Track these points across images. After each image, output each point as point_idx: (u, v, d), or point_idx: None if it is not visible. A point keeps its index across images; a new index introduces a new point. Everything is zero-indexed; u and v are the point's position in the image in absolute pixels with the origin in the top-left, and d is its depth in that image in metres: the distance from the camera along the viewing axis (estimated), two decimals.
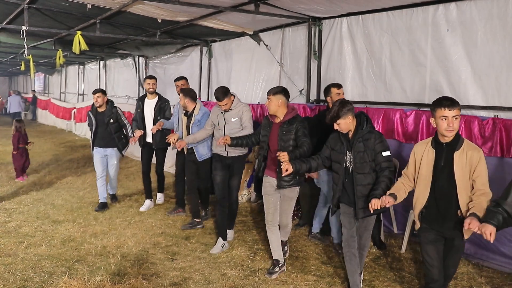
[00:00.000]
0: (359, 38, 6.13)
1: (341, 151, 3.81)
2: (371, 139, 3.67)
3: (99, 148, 6.60)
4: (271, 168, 4.43)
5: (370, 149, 3.67)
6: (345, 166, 3.78)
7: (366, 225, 3.88)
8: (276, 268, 4.40)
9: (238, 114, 4.94)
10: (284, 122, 4.31)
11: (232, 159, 5.06)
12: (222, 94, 4.93)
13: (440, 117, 3.11)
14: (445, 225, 3.26)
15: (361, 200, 3.71)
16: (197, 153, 5.56)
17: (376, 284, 4.20)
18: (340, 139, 3.83)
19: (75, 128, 16.90)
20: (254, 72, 8.06)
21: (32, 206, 6.67)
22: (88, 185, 8.12)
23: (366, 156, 3.68)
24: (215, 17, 7.04)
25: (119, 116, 6.54)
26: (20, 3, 6.68)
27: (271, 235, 4.49)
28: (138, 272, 4.35)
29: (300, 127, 4.26)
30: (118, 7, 6.51)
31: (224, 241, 5.07)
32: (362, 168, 3.70)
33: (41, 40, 9.93)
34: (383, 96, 5.88)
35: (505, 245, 4.49)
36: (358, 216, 3.76)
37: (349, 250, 3.88)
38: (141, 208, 6.58)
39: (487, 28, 4.76)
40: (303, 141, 4.21)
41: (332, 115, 3.70)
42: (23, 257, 4.68)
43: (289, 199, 4.44)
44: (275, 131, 4.36)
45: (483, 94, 4.84)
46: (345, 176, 3.81)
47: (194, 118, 5.54)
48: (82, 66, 17.71)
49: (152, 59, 12.02)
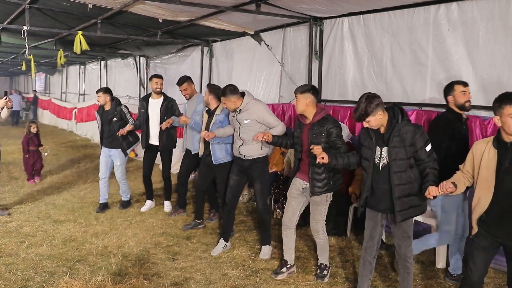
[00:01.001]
0: (360, 38, 6.13)
1: (370, 147, 3.51)
2: (409, 133, 3.33)
3: (104, 148, 6.61)
4: (302, 171, 4.18)
5: (408, 144, 3.33)
6: (374, 163, 3.49)
7: (404, 231, 3.49)
8: (283, 268, 4.34)
9: (250, 115, 4.61)
10: (314, 124, 4.01)
11: (250, 161, 4.71)
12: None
13: (509, 114, 2.88)
14: (507, 231, 3.00)
15: (400, 201, 3.38)
16: (214, 156, 5.16)
17: (378, 284, 4.20)
18: (369, 134, 3.51)
19: (76, 128, 16.91)
20: (255, 72, 8.06)
21: (33, 206, 6.67)
22: (89, 185, 8.13)
23: (404, 152, 3.34)
24: (216, 17, 7.04)
25: (123, 114, 6.42)
26: (21, 3, 6.68)
27: (284, 237, 4.36)
28: (139, 272, 4.35)
29: (332, 129, 3.95)
30: (119, 7, 6.51)
31: (226, 242, 4.99)
32: (400, 165, 3.36)
33: (42, 40, 9.94)
34: (384, 96, 5.81)
35: None
36: (396, 220, 3.41)
37: (365, 255, 3.69)
38: (142, 209, 6.55)
39: (488, 28, 4.75)
40: (338, 145, 3.91)
41: (360, 113, 3.35)
42: (24, 257, 4.68)
43: (316, 204, 4.13)
44: (306, 133, 4.09)
45: (484, 94, 4.83)
46: (373, 174, 3.50)
47: (216, 118, 5.17)
48: (83, 66, 17.73)
49: (153, 59, 12.03)
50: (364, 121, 3.38)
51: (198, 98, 5.91)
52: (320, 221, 4.17)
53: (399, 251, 3.56)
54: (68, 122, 17.82)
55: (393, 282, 4.24)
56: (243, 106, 4.64)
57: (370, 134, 3.50)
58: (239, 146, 4.72)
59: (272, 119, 4.62)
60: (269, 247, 4.86)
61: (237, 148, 4.74)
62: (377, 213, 3.58)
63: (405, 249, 3.53)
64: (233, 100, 4.63)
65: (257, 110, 4.61)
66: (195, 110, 5.74)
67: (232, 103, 4.64)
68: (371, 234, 3.64)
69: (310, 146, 3.82)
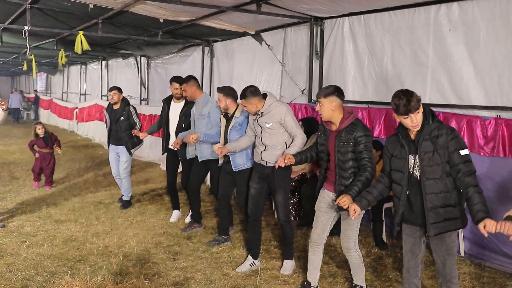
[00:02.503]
0: (360, 38, 6.13)
1: (401, 156, 3.11)
2: (441, 135, 2.98)
3: (112, 146, 6.71)
4: (330, 181, 3.79)
5: (442, 147, 2.97)
6: (409, 173, 3.09)
7: (449, 247, 3.09)
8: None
9: (271, 119, 4.24)
10: (341, 131, 3.61)
11: (271, 169, 4.29)
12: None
13: None
14: None
15: (433, 213, 3.01)
16: (233, 162, 4.75)
17: (378, 284, 4.20)
18: (400, 142, 3.13)
19: (77, 128, 16.94)
20: (256, 72, 8.06)
21: (34, 205, 6.68)
22: (90, 185, 8.14)
23: (437, 157, 2.97)
24: (217, 17, 7.04)
25: (130, 114, 6.52)
26: (22, 3, 6.69)
27: (311, 255, 3.96)
28: (140, 272, 4.35)
29: (361, 138, 3.55)
30: (120, 7, 6.52)
31: (254, 259, 4.54)
32: (432, 172, 3.00)
33: (43, 40, 9.96)
34: (385, 96, 5.87)
35: (507, 245, 4.48)
36: (429, 234, 3.04)
37: (410, 278, 3.26)
38: (171, 219, 6.11)
39: (489, 28, 4.75)
40: (364, 160, 3.55)
41: (405, 107, 2.96)
42: (25, 256, 4.69)
43: (349, 218, 3.51)
44: (332, 141, 3.69)
45: (485, 94, 4.83)
46: (409, 187, 3.11)
47: (235, 120, 4.77)
48: (84, 66, 17.75)
49: (154, 59, 12.04)
50: (411, 114, 2.99)
51: (204, 99, 5.42)
52: (352, 238, 3.74)
53: (443, 271, 3.15)
54: (69, 122, 17.85)
55: (393, 282, 4.24)
56: (265, 108, 4.27)
57: (401, 141, 3.13)
58: (261, 152, 4.35)
59: (293, 125, 4.23)
60: (291, 262, 4.49)
61: (258, 154, 4.37)
62: (416, 228, 3.18)
63: (449, 268, 3.12)
64: (254, 102, 4.28)
65: (279, 112, 4.23)
66: (201, 113, 5.29)
67: (253, 106, 4.29)
68: (412, 252, 3.23)
69: (337, 156, 3.57)
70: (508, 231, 2.59)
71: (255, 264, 4.53)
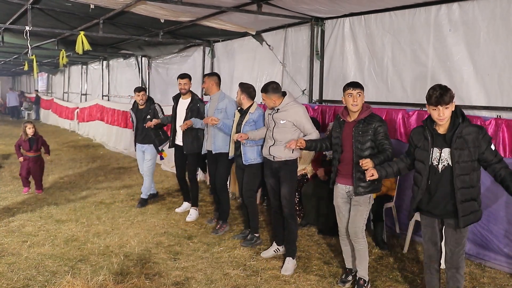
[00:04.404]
0: (361, 38, 6.14)
1: (424, 148, 3.31)
2: (472, 134, 3.16)
3: (138, 144, 6.84)
4: (343, 175, 3.98)
5: (472, 146, 3.16)
6: (430, 165, 3.28)
7: (461, 236, 3.29)
8: (349, 276, 4.19)
9: (287, 117, 4.43)
10: (359, 121, 3.85)
11: (278, 163, 4.51)
12: None
13: None
14: None
15: (462, 206, 3.19)
16: (244, 156, 4.93)
17: (378, 284, 4.20)
18: (424, 134, 3.32)
19: (78, 128, 16.95)
20: (257, 72, 8.07)
21: (35, 205, 6.69)
22: (91, 185, 8.15)
23: (469, 154, 3.16)
24: (218, 17, 7.05)
25: (156, 112, 6.63)
26: (23, 3, 6.71)
27: (343, 246, 4.20)
28: (141, 272, 4.36)
29: (380, 128, 3.80)
30: (121, 8, 6.53)
31: (278, 246, 4.81)
32: (463, 168, 3.17)
33: (44, 40, 9.97)
34: (385, 96, 5.89)
35: (508, 246, 4.49)
36: (460, 226, 3.22)
37: (431, 264, 3.48)
38: (178, 209, 6.41)
39: (489, 28, 4.76)
40: (385, 144, 3.78)
41: (437, 98, 3.12)
42: (26, 256, 4.70)
43: (358, 204, 3.88)
44: (349, 131, 3.90)
45: (485, 94, 4.84)
46: (429, 177, 3.30)
47: (249, 116, 4.96)
48: (85, 66, 17.77)
49: (155, 59, 12.05)
50: (441, 106, 3.13)
51: (220, 95, 5.57)
52: (361, 224, 3.91)
53: (451, 260, 3.33)
54: (70, 122, 17.86)
55: (394, 282, 4.25)
56: (282, 106, 4.48)
57: (425, 134, 3.32)
58: (269, 146, 4.55)
59: (309, 125, 4.44)
60: (293, 260, 4.51)
61: (267, 148, 4.58)
62: (434, 219, 3.39)
63: (457, 257, 3.31)
64: (273, 98, 4.50)
65: (295, 113, 4.43)
66: (217, 108, 5.46)
67: (272, 101, 4.52)
68: (432, 241, 3.44)
69: (356, 145, 3.80)
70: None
71: (279, 250, 4.80)
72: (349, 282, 4.18)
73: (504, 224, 4.49)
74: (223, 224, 5.68)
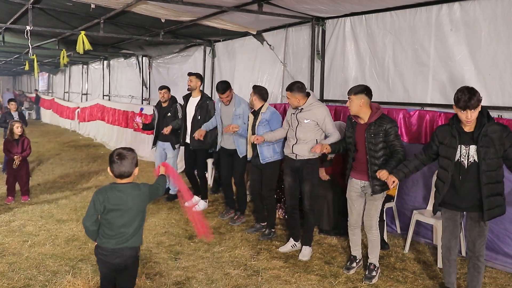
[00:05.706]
0: (362, 38, 6.13)
1: (451, 145, 3.46)
2: (496, 132, 3.32)
3: (159, 142, 6.95)
4: (358, 171, 4.20)
5: (497, 144, 3.31)
6: (456, 161, 3.44)
7: (483, 229, 3.49)
8: (353, 263, 4.44)
9: (311, 116, 4.57)
10: (371, 124, 4.02)
11: (300, 162, 4.66)
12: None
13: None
14: None
15: (488, 200, 3.38)
16: (261, 155, 5.10)
17: (379, 283, 4.20)
18: (451, 132, 3.47)
19: (78, 127, 16.96)
20: (258, 72, 8.07)
21: (36, 205, 6.69)
22: (91, 184, 8.15)
23: (495, 151, 3.32)
24: (219, 17, 7.05)
25: (177, 111, 6.74)
26: (24, 3, 6.71)
27: (351, 236, 4.45)
28: (142, 272, 4.36)
29: (391, 129, 3.96)
30: (122, 7, 6.53)
31: (295, 241, 4.94)
32: (489, 165, 3.34)
33: (45, 40, 9.98)
34: (386, 96, 5.88)
35: (508, 246, 4.49)
36: (485, 219, 3.41)
37: (450, 255, 3.70)
38: (186, 204, 6.51)
39: (491, 28, 4.75)
40: (396, 146, 3.95)
41: (465, 102, 3.25)
42: (27, 256, 4.70)
43: (374, 199, 4.16)
44: (361, 133, 4.10)
45: (486, 94, 4.83)
46: (456, 173, 3.46)
47: (261, 116, 5.12)
48: (85, 65, 17.79)
49: (156, 58, 12.05)
50: (469, 110, 3.28)
51: (235, 99, 5.67)
52: (375, 216, 4.20)
53: (473, 249, 3.54)
54: (71, 122, 17.88)
55: (395, 282, 4.25)
56: (306, 105, 4.60)
57: (453, 133, 3.46)
58: (292, 145, 4.68)
59: (331, 125, 4.59)
60: (309, 248, 4.79)
61: (290, 147, 4.71)
62: (456, 212, 3.60)
63: (479, 247, 3.52)
64: (298, 97, 4.59)
65: (320, 113, 4.57)
66: (235, 114, 5.58)
67: (296, 100, 4.61)
68: (452, 233, 3.65)
69: (368, 146, 4.00)
70: None
71: (296, 245, 4.93)
72: (353, 269, 4.40)
73: (505, 224, 4.48)
74: (241, 216, 5.95)
